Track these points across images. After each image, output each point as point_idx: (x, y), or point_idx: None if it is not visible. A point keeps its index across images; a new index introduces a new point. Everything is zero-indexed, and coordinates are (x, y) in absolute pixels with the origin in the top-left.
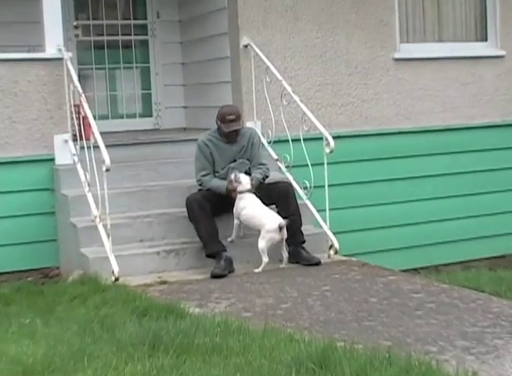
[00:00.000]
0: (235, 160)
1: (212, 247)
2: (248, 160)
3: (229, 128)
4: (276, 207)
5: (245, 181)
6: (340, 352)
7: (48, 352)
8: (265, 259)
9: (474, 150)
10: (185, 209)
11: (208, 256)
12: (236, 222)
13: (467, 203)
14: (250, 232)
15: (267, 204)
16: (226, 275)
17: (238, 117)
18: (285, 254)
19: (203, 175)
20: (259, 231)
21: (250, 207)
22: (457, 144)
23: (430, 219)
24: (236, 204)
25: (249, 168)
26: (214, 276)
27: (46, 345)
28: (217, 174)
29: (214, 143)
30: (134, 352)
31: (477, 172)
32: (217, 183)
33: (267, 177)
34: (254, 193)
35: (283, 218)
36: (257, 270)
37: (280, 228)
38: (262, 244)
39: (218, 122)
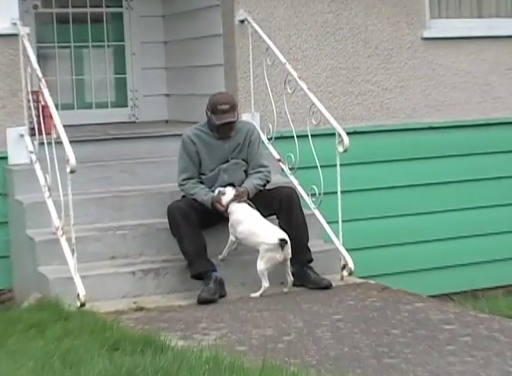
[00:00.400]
0: (227, 161)
1: (199, 267)
2: (244, 160)
3: (222, 121)
4: (277, 218)
5: (228, 191)
6: None
7: None
8: (265, 284)
9: None
10: (166, 219)
11: (194, 277)
12: (231, 238)
13: None
14: (247, 247)
15: (265, 215)
16: (216, 300)
17: (233, 108)
18: (289, 278)
19: (184, 179)
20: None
21: (247, 222)
22: (500, 142)
23: (467, 234)
24: (230, 218)
25: (245, 171)
26: (202, 302)
27: None
28: (204, 176)
29: (202, 139)
30: None
31: None
32: (200, 195)
33: (268, 182)
34: (249, 203)
35: (286, 232)
36: (254, 295)
37: (282, 245)
38: (261, 265)
39: (209, 113)
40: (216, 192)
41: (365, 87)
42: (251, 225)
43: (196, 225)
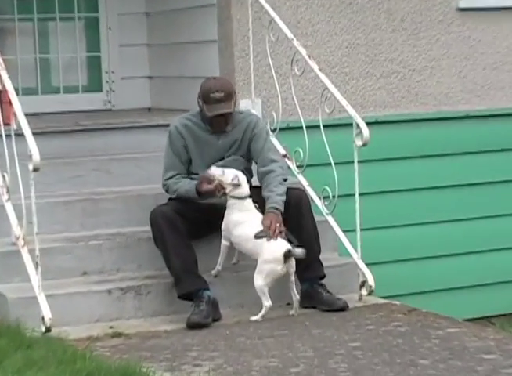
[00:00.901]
0: (222, 159)
1: (188, 285)
2: (243, 157)
3: (214, 112)
4: (284, 224)
5: (244, 183)
6: None
7: None
8: (266, 303)
9: None
10: (147, 228)
11: (182, 297)
12: (224, 243)
13: None
14: (249, 261)
15: None
16: (209, 324)
17: (228, 96)
18: (295, 297)
19: (168, 179)
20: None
21: (247, 224)
22: None
23: (510, 246)
24: (225, 217)
25: (244, 170)
26: (192, 327)
27: None
28: (194, 176)
29: (192, 132)
30: None
31: None
32: (185, 186)
33: (285, 180)
34: (256, 205)
35: (292, 243)
36: (254, 318)
37: (286, 257)
38: (259, 280)
39: (200, 102)
40: (217, 170)
41: (388, 68)
42: (251, 229)
43: (184, 234)
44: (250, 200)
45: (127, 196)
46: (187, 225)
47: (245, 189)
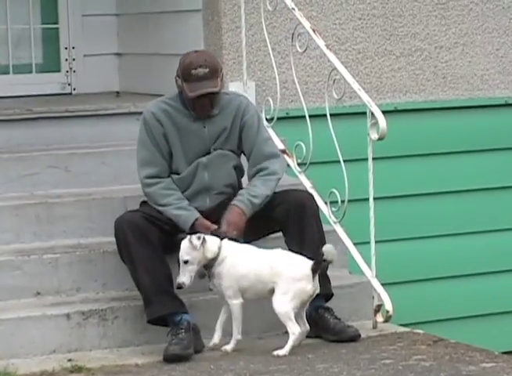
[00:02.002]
0: (208, 153)
1: (160, 307)
2: (233, 152)
3: (196, 91)
4: (284, 235)
5: (211, 245)
6: None
7: None
8: (295, 330)
9: None
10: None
11: (152, 322)
12: (236, 303)
13: None
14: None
15: (265, 234)
16: (191, 357)
17: (213, 72)
18: (305, 326)
19: (148, 177)
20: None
21: (249, 259)
22: None
23: None
24: (227, 277)
25: (235, 168)
26: (171, 359)
27: None
28: (176, 176)
29: (172, 118)
30: None
31: None
32: (174, 211)
33: (274, 175)
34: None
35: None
36: (280, 353)
37: (315, 271)
38: (286, 304)
39: (179, 81)
40: (193, 239)
41: (410, 44)
42: (257, 261)
43: (156, 246)
44: (228, 242)
45: (89, 199)
46: (160, 236)
47: (214, 247)
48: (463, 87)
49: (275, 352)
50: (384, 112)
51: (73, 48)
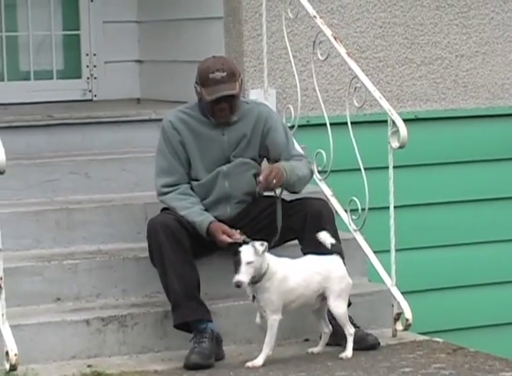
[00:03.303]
0: (228, 161)
1: (188, 313)
2: (254, 160)
3: (214, 94)
4: (300, 243)
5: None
6: None
7: None
8: (351, 330)
9: None
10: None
11: (179, 327)
12: (275, 318)
13: None
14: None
15: (282, 242)
16: (212, 366)
17: (231, 76)
18: (328, 328)
19: (165, 186)
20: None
21: (301, 273)
22: None
23: None
24: (272, 292)
25: (254, 176)
26: (192, 368)
27: None
28: (196, 183)
29: (189, 127)
30: None
31: None
32: (193, 215)
33: (311, 176)
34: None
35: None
36: (343, 356)
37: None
38: (343, 305)
39: (198, 88)
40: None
41: (431, 53)
42: (305, 271)
43: (188, 251)
44: (268, 256)
45: (109, 205)
46: (191, 241)
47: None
48: (484, 96)
49: (343, 354)
50: (404, 120)
51: (94, 54)
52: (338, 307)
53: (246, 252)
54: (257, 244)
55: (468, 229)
